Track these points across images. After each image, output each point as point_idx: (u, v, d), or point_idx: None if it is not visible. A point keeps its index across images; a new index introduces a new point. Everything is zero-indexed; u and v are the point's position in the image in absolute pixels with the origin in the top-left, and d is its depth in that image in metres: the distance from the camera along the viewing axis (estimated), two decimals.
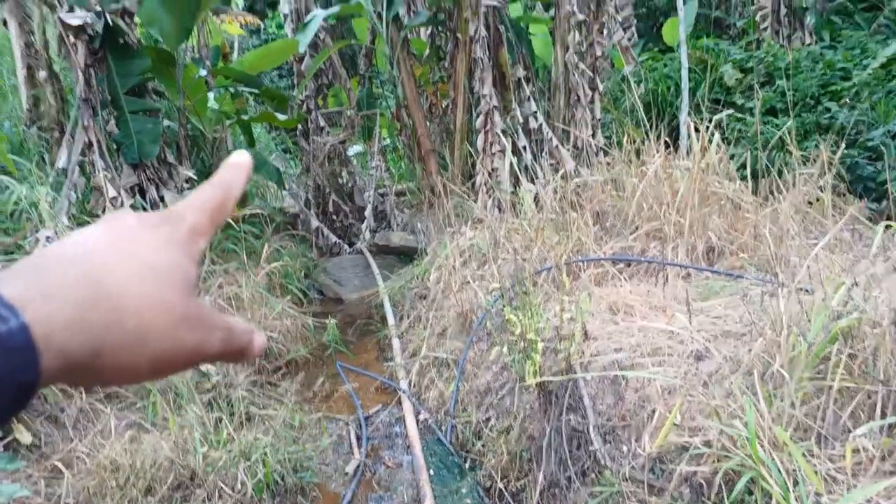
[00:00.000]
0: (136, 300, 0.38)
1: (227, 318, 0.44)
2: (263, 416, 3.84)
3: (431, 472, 3.59)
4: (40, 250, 0.38)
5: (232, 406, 3.84)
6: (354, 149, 9.60)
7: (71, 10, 5.01)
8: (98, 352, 0.36)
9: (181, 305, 0.40)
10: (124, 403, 3.69)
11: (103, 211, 4.67)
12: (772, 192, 4.39)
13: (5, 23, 6.42)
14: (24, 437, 3.15)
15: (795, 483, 2.07)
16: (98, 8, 4.96)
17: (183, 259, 0.42)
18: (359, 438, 4.07)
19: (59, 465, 3.04)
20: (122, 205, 4.72)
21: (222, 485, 3.04)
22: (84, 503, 2.89)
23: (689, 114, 5.75)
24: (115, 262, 0.38)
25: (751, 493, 2.27)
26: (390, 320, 5.60)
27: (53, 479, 2.97)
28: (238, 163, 0.50)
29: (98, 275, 0.37)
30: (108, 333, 0.36)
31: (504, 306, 3.49)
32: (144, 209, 5.03)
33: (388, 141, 9.47)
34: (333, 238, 7.94)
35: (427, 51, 8.23)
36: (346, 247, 7.91)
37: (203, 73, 6.56)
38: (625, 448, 2.94)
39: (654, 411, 2.89)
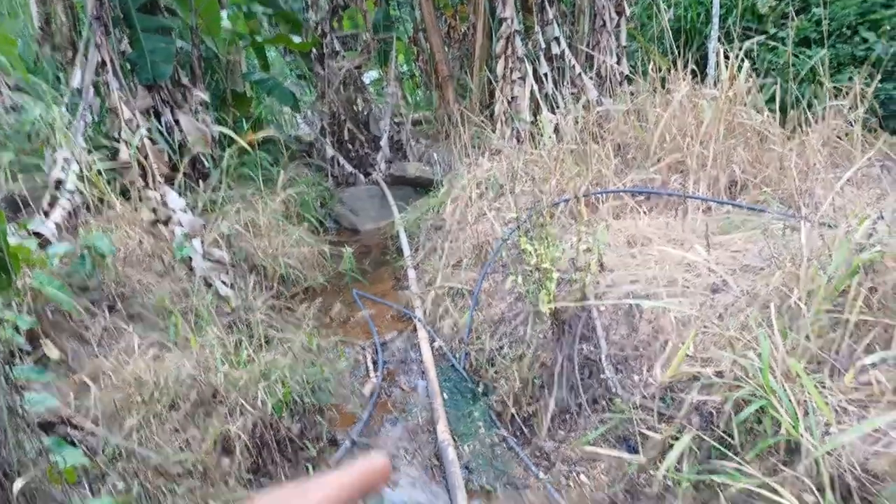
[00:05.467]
0: None
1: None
2: (282, 340, 3.92)
3: (445, 396, 3.69)
4: None
5: (251, 329, 3.92)
6: (370, 75, 9.38)
7: None
8: None
9: None
10: (146, 323, 3.78)
11: (119, 133, 4.64)
12: (800, 125, 4.25)
13: None
14: (52, 352, 3.25)
15: (806, 413, 2.09)
16: None
17: None
18: (375, 363, 4.17)
19: (87, 379, 3.15)
20: (137, 127, 4.68)
21: (243, 402, 3.15)
22: (111, 415, 3.00)
23: (718, 41, 5.52)
24: None
25: (760, 422, 2.30)
26: (406, 251, 5.62)
27: (81, 392, 3.08)
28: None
29: None
30: None
31: (520, 237, 3.48)
32: (160, 133, 5.00)
33: (404, 67, 9.22)
34: (349, 168, 7.89)
35: None
36: (361, 177, 7.86)
37: None
38: (636, 377, 2.99)
39: (667, 342, 2.91)
